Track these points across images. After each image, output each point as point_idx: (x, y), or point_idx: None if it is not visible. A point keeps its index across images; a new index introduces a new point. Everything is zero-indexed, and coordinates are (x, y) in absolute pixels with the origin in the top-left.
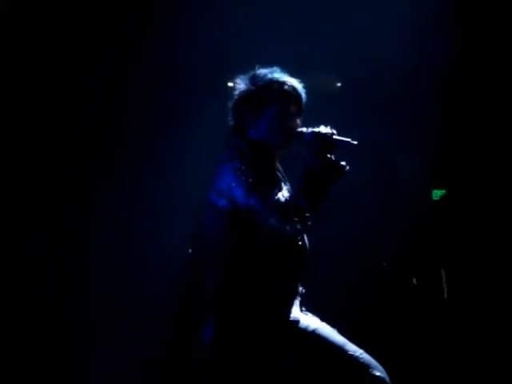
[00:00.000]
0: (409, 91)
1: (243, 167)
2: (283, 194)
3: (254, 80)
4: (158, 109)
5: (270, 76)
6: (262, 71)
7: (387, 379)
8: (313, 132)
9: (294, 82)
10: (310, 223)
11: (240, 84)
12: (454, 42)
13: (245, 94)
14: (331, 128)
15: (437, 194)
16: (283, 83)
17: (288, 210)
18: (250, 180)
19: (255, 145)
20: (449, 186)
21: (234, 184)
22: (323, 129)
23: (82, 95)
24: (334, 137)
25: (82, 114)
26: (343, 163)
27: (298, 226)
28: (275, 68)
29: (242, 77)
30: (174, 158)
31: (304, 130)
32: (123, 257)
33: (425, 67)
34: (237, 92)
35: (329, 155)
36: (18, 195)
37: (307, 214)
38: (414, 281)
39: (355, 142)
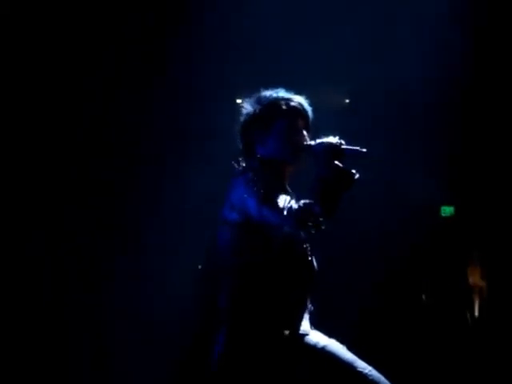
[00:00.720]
0: (419, 106)
1: (255, 178)
2: (295, 202)
3: (260, 100)
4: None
5: (275, 95)
6: (268, 92)
7: None
8: (321, 142)
9: (299, 98)
10: (323, 228)
11: (246, 106)
12: (468, 55)
13: (252, 114)
14: (339, 138)
15: (445, 210)
16: (289, 99)
17: (302, 215)
18: (262, 190)
19: (265, 162)
20: (457, 202)
21: (246, 195)
22: (331, 139)
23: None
24: (343, 146)
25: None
26: (353, 171)
27: (313, 232)
28: (280, 89)
29: (247, 99)
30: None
31: (312, 142)
32: (127, 258)
33: (436, 81)
34: (244, 113)
35: (338, 163)
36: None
37: (321, 219)
38: (423, 297)
39: (364, 150)
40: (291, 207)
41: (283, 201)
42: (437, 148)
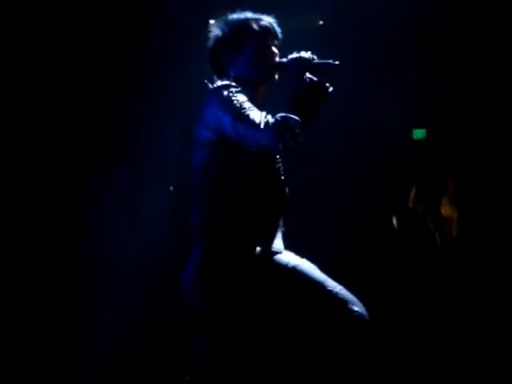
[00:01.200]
0: (392, 35)
1: (229, 95)
2: (271, 116)
3: (229, 22)
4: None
5: (243, 16)
6: (235, 14)
7: (365, 314)
8: (293, 58)
9: (269, 18)
10: (301, 140)
11: (214, 29)
12: None
13: (222, 36)
14: (311, 53)
15: (417, 133)
16: (259, 19)
17: (280, 127)
18: (237, 106)
19: (238, 82)
20: (430, 125)
21: (220, 113)
22: (303, 53)
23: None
24: (315, 60)
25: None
26: (327, 84)
27: (290, 144)
28: (247, 11)
29: (214, 22)
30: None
31: (284, 60)
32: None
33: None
34: (213, 37)
35: (311, 77)
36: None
37: (298, 131)
38: (394, 221)
39: (337, 62)
40: (268, 120)
41: (259, 115)
42: (409, 70)
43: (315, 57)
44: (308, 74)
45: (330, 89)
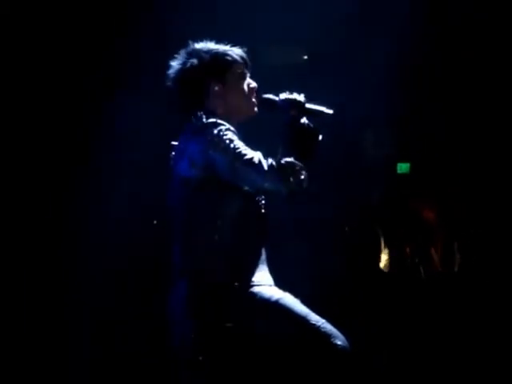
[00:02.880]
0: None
1: (220, 134)
2: (271, 159)
3: (207, 51)
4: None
5: (218, 46)
6: (202, 45)
7: (348, 348)
8: (287, 99)
9: (239, 49)
10: (305, 185)
11: (187, 58)
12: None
13: (199, 65)
14: (304, 96)
15: (401, 167)
16: (235, 51)
17: (285, 172)
18: (232, 146)
19: (218, 115)
20: (414, 159)
21: (211, 151)
22: (296, 95)
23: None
24: (308, 105)
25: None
26: (318, 131)
27: (294, 188)
28: (209, 41)
29: (180, 53)
30: None
31: (271, 96)
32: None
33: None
34: (186, 65)
35: (306, 122)
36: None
37: (303, 177)
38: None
39: (330, 111)
40: (272, 164)
41: (257, 157)
42: (394, 105)
43: (307, 100)
44: (305, 119)
45: (320, 136)
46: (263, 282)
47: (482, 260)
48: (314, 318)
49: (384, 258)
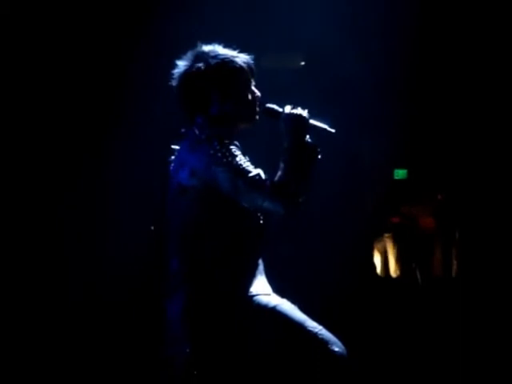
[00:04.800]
0: (375, 67)
1: (224, 149)
2: (271, 177)
3: (213, 55)
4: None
5: (224, 51)
6: (211, 48)
7: (345, 354)
8: (291, 113)
9: (246, 56)
10: (302, 207)
11: (192, 61)
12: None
13: (205, 70)
14: (308, 111)
15: (398, 173)
16: (243, 57)
17: (286, 193)
18: (234, 163)
19: (221, 121)
20: (411, 165)
21: (214, 166)
22: (300, 110)
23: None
24: (312, 121)
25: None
26: (318, 149)
27: (292, 209)
28: (218, 45)
29: (187, 56)
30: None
31: (275, 107)
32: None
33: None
34: (190, 69)
35: (307, 139)
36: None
37: (301, 199)
38: (376, 258)
39: (332, 130)
40: (273, 184)
41: (259, 175)
42: (391, 110)
43: (310, 115)
44: (307, 137)
45: (319, 155)
46: (261, 292)
47: (479, 265)
48: (312, 325)
49: (382, 263)
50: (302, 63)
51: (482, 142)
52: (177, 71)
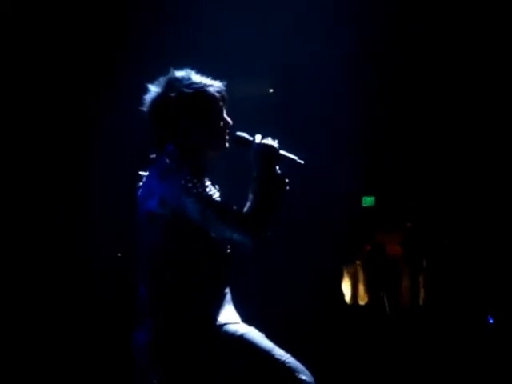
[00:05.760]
0: (342, 95)
1: (194, 180)
2: (240, 208)
3: (186, 83)
4: None
5: (199, 79)
6: (184, 75)
7: (313, 383)
8: (262, 144)
9: (219, 83)
10: (269, 235)
11: (164, 88)
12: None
13: (178, 98)
14: (278, 142)
15: (366, 200)
16: (217, 85)
17: (257, 227)
18: (204, 194)
19: (192, 149)
20: (378, 192)
21: (183, 196)
22: (270, 141)
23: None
24: (282, 152)
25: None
26: (287, 180)
27: (260, 241)
28: (189, 70)
29: (159, 81)
30: None
31: (245, 135)
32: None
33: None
34: (164, 96)
35: (277, 170)
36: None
37: (269, 232)
38: (344, 287)
39: (302, 162)
40: (244, 217)
41: (228, 207)
42: (358, 138)
43: (280, 147)
44: (277, 168)
45: (288, 186)
46: (230, 321)
47: (446, 293)
48: (279, 353)
49: (350, 291)
50: (271, 90)
51: (450, 170)
52: (149, 97)
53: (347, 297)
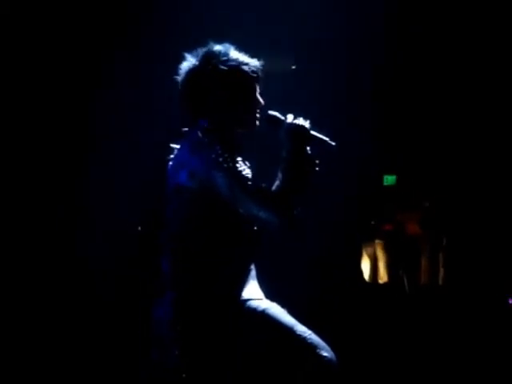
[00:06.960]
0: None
1: (225, 155)
2: (269, 186)
3: (222, 59)
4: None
5: (235, 55)
6: (222, 50)
7: (334, 359)
8: (294, 123)
9: (256, 62)
10: (297, 215)
11: (199, 61)
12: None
13: (212, 73)
14: (310, 122)
15: (388, 179)
16: (250, 63)
17: (283, 206)
18: (234, 169)
19: (224, 125)
20: (399, 171)
21: (214, 171)
22: (302, 121)
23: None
24: (313, 133)
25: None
26: (317, 161)
27: (288, 221)
28: (230, 45)
29: (196, 54)
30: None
31: (277, 114)
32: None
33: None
34: (199, 70)
35: (308, 150)
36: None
37: (297, 212)
38: (364, 266)
39: (333, 143)
40: (272, 196)
41: (257, 184)
42: (382, 116)
43: (312, 127)
44: (308, 149)
45: (318, 167)
46: (253, 296)
47: (466, 272)
48: (301, 329)
49: (370, 270)
50: (293, 67)
51: (470, 149)
52: (184, 67)
53: (367, 276)
